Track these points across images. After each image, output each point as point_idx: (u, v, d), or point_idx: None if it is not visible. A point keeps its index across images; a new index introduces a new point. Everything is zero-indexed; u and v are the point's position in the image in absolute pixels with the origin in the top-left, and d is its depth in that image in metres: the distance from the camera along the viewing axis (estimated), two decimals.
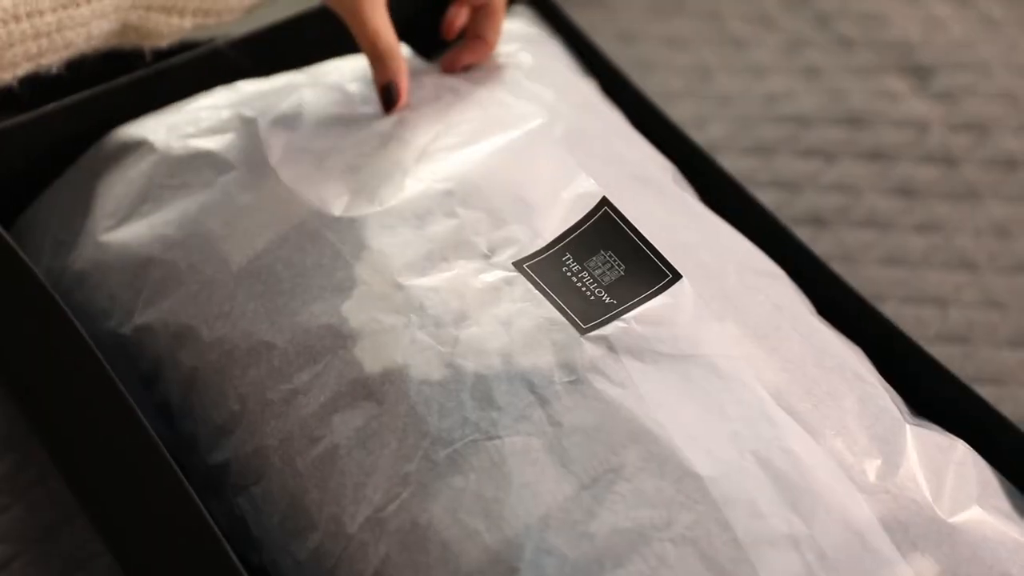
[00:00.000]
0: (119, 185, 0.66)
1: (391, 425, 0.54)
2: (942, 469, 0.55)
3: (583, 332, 0.55)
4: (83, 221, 0.65)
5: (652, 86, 0.86)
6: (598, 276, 0.56)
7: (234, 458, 0.58)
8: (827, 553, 0.50)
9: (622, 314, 0.55)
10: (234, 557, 0.53)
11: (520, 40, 0.74)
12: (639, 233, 0.57)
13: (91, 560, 0.65)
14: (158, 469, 0.56)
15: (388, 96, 0.66)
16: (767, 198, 0.82)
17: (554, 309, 0.56)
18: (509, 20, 0.76)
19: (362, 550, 0.53)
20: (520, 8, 0.78)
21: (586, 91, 0.73)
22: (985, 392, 0.64)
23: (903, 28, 0.96)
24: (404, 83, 0.67)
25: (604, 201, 0.58)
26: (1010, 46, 0.94)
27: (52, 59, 0.60)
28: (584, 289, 0.56)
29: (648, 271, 0.56)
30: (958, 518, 0.54)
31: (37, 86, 0.62)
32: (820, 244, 0.82)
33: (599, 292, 0.56)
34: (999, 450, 0.59)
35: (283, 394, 0.57)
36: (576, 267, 0.57)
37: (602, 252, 0.57)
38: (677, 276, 0.56)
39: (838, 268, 0.70)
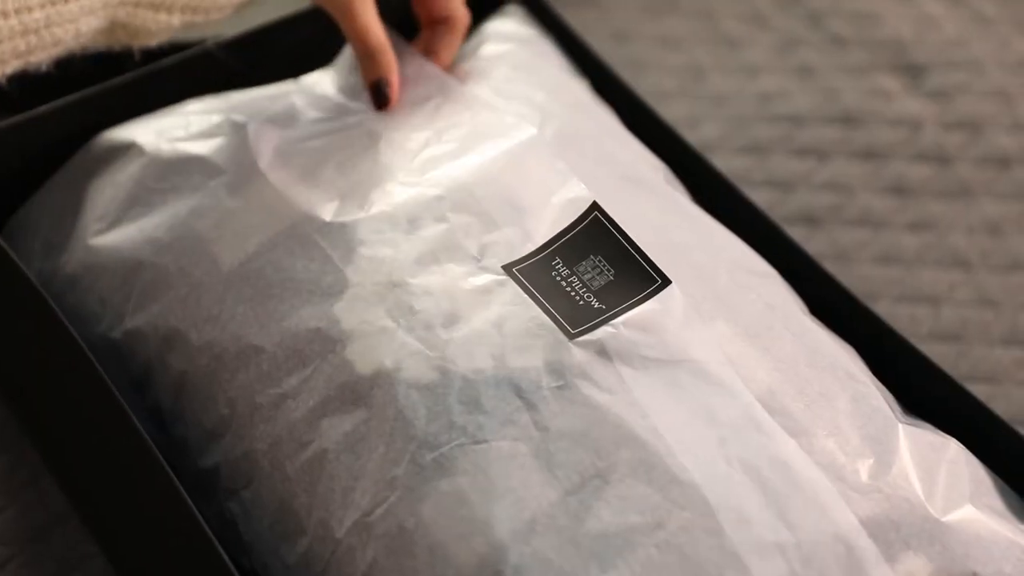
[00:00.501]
0: (108, 188, 0.66)
1: (379, 429, 0.54)
2: (935, 468, 0.55)
3: (572, 337, 0.55)
4: (73, 224, 0.65)
5: (645, 86, 0.86)
6: (587, 281, 0.56)
7: (224, 462, 0.58)
8: (814, 561, 0.50)
9: (611, 319, 0.55)
10: (226, 558, 0.53)
11: (512, 40, 0.74)
12: (629, 238, 0.57)
13: (84, 561, 0.64)
14: (151, 471, 0.56)
15: (379, 93, 0.66)
16: (760, 197, 0.82)
17: (543, 313, 0.55)
18: (501, 20, 0.76)
19: (350, 554, 0.53)
20: (512, 7, 0.78)
21: (578, 91, 0.73)
22: (978, 390, 0.64)
23: (896, 27, 0.96)
24: (395, 79, 0.66)
25: (595, 206, 0.58)
26: (1003, 44, 0.94)
27: (41, 57, 0.60)
28: (573, 294, 0.56)
29: (638, 276, 0.56)
30: (951, 517, 0.54)
31: (27, 84, 0.62)
32: (813, 243, 0.82)
33: (588, 297, 0.56)
34: (992, 448, 0.59)
35: (272, 398, 0.57)
36: (565, 271, 0.57)
37: (592, 257, 0.57)
38: (667, 281, 0.56)
39: (831, 267, 0.70)
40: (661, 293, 0.55)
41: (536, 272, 0.57)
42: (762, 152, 0.88)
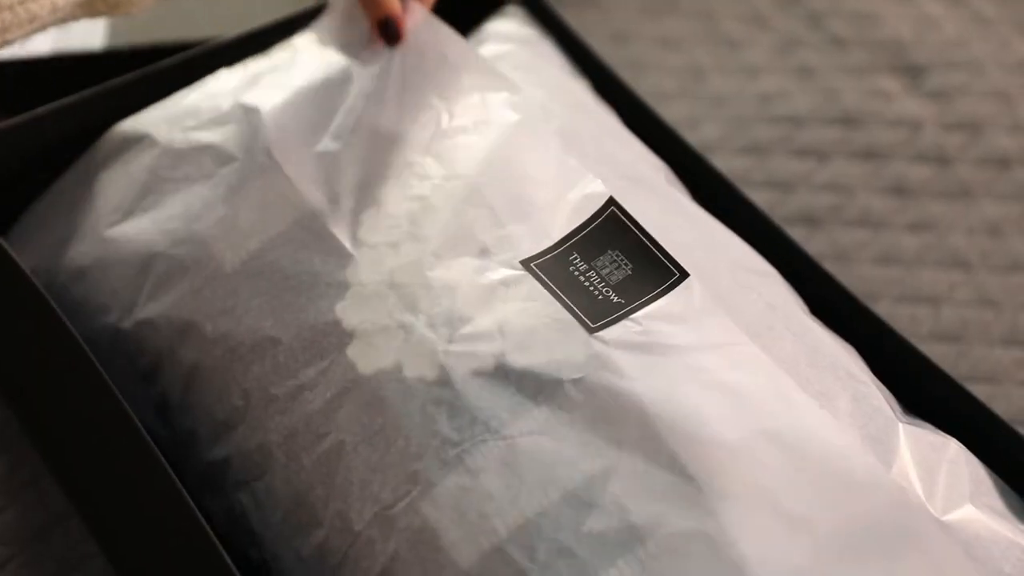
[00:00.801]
0: (122, 179, 0.65)
1: (399, 423, 0.54)
2: (935, 468, 0.56)
3: (592, 331, 0.55)
4: (86, 216, 0.65)
5: (646, 86, 0.86)
6: (605, 275, 0.57)
7: (236, 454, 0.58)
8: (839, 537, 0.50)
9: (630, 313, 0.55)
10: (227, 558, 0.52)
11: (512, 40, 0.74)
12: (647, 233, 0.57)
13: (84, 561, 0.64)
14: (151, 470, 0.56)
15: (387, 31, 0.66)
16: (760, 198, 0.82)
17: (561, 308, 0.56)
18: (501, 20, 0.76)
19: (369, 547, 0.53)
20: (512, 8, 0.78)
21: (578, 91, 0.73)
22: (978, 390, 0.64)
23: (895, 27, 0.96)
24: (400, 14, 0.66)
25: (611, 201, 0.58)
26: (1002, 45, 0.94)
27: (17, 34, 0.59)
28: (592, 288, 0.56)
29: (656, 270, 0.56)
30: (951, 516, 0.54)
31: (27, 83, 0.62)
32: (813, 243, 0.82)
33: (607, 291, 0.56)
34: (992, 448, 0.59)
35: (288, 390, 0.57)
36: (583, 266, 0.57)
37: (609, 252, 0.57)
38: (685, 275, 0.56)
39: (831, 267, 0.70)
40: (679, 286, 0.56)
41: (554, 267, 0.57)
42: (762, 152, 0.88)
